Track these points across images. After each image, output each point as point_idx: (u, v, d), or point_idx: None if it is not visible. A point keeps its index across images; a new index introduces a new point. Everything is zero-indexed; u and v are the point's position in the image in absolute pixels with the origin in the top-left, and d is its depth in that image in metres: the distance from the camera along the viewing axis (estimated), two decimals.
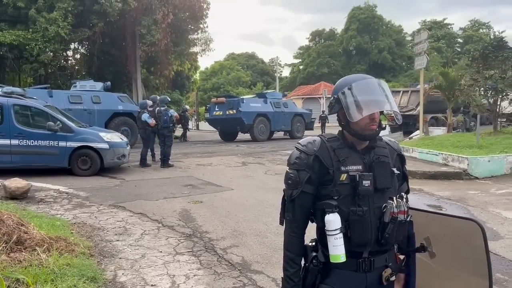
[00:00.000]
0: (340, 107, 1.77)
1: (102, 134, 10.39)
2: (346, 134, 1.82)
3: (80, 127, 10.58)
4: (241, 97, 22.29)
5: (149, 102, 12.57)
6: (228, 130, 20.68)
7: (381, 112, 1.80)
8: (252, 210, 6.75)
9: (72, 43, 21.52)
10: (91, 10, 18.67)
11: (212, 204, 7.24)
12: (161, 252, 4.86)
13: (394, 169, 1.82)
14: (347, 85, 1.77)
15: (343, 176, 1.73)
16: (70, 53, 22.89)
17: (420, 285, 1.92)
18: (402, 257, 1.90)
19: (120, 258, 4.65)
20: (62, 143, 9.86)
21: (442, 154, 10.63)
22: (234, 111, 19.22)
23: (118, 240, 5.25)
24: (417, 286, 1.90)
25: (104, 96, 16.29)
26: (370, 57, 56.41)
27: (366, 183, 1.70)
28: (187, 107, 27.06)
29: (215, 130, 22.13)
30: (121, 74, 22.81)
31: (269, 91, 29.37)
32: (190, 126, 25.12)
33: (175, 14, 21.09)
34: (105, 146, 10.06)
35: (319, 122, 25.53)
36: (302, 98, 43.12)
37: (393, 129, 20.24)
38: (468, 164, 9.55)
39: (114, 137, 10.60)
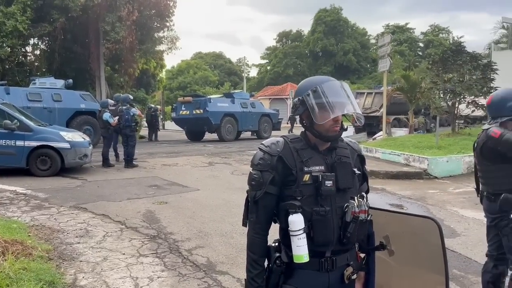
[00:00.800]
0: (305, 109, 1.79)
1: (63, 133, 10.06)
2: (309, 135, 1.83)
3: (40, 125, 10.20)
4: (208, 96, 22.14)
5: (111, 101, 12.29)
6: (195, 130, 20.50)
7: (343, 114, 1.82)
8: (218, 210, 6.72)
9: (32, 39, 20.69)
10: (51, 5, 18.02)
11: (177, 204, 7.15)
12: (124, 254, 4.75)
13: (355, 169, 1.85)
14: (312, 86, 1.78)
15: (306, 177, 1.74)
16: (29, 48, 21.96)
17: (380, 283, 1.96)
18: (362, 255, 1.94)
19: (81, 261, 4.52)
20: (19, 143, 9.48)
21: (403, 154, 10.94)
22: (201, 110, 19.05)
23: (79, 243, 5.10)
24: (376, 283, 1.94)
25: (66, 94, 15.75)
26: (336, 59, 57.31)
27: (329, 183, 1.72)
28: (158, 106, 26.64)
29: (182, 129, 21.89)
30: (84, 71, 22.15)
31: (236, 91, 29.33)
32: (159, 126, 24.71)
33: (140, 12, 20.67)
34: (66, 145, 9.74)
35: (287, 123, 25.75)
36: (270, 98, 43.35)
37: (358, 130, 20.63)
38: (428, 164, 9.88)
39: (75, 136, 10.29)
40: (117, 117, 11.34)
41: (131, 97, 12.40)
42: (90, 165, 11.12)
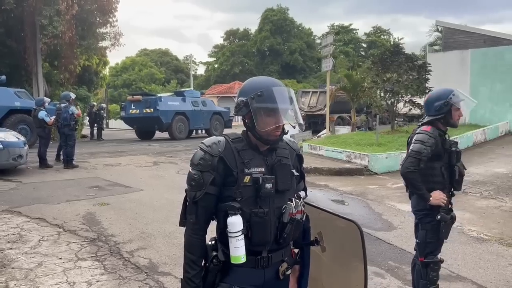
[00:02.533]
0: (248, 111, 1.76)
1: None
2: (251, 136, 1.83)
3: None
4: (159, 95, 21.83)
5: (47, 99, 11.73)
6: (146, 129, 20.27)
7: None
8: (161, 210, 6.61)
9: None
10: None
11: (119, 206, 6.95)
12: (60, 259, 4.55)
13: (294, 171, 1.87)
14: (257, 89, 1.76)
15: (247, 178, 1.74)
16: None
17: (313, 276, 2.02)
18: (296, 251, 1.98)
19: (13, 268, 4.28)
20: None
21: (346, 151, 11.32)
22: (152, 109, 18.87)
23: (11, 249, 4.82)
24: (310, 276, 2.00)
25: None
26: (283, 58, 58.09)
27: (269, 185, 1.73)
28: (103, 105, 25.78)
29: (126, 128, 21.41)
30: (19, 67, 20.90)
31: (187, 89, 28.96)
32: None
33: (80, 6, 19.81)
34: None
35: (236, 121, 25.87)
36: (217, 96, 43.16)
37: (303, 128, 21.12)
38: (368, 161, 10.29)
39: (8, 136, 9.68)
40: (53, 116, 10.83)
41: (73, 95, 11.84)
42: (26, 166, 10.53)
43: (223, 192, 1.77)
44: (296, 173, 1.88)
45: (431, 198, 3.10)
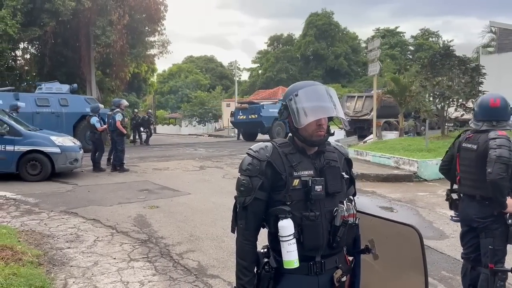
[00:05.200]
0: (288, 113, 1.80)
1: (53, 137, 10.00)
2: (296, 140, 1.84)
3: (30, 130, 10.14)
4: (262, 103, 24.91)
5: (101, 106, 12.28)
6: (250, 132, 23.66)
7: (331, 118, 1.84)
8: (209, 214, 6.73)
9: (22, 43, 20.57)
10: (42, 9, 17.95)
11: (168, 209, 7.15)
12: (114, 258, 4.74)
13: (343, 173, 1.86)
14: (295, 91, 1.80)
15: (296, 182, 1.74)
16: (19, 52, 21.83)
17: (364, 285, 1.98)
18: (351, 258, 1.95)
19: (71, 266, 4.50)
20: (9, 147, 9.42)
21: (394, 157, 11.03)
22: (256, 115, 22.09)
23: (69, 248, 5.08)
24: (362, 285, 1.96)
25: (72, 98, 16.08)
26: (327, 63, 57.64)
27: (318, 188, 1.73)
28: (150, 111, 26.78)
29: (173, 133, 22.24)
30: (75, 75, 22.02)
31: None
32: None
33: (131, 16, 20.66)
34: (56, 150, 9.69)
35: None
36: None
37: (348, 133, 20.79)
38: (417, 167, 9.97)
39: (66, 140, 10.23)
40: (105, 125, 11.31)
41: (125, 102, 12.21)
42: (81, 169, 11.06)
43: (273, 197, 1.77)
44: (346, 176, 1.86)
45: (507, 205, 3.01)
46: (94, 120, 11.26)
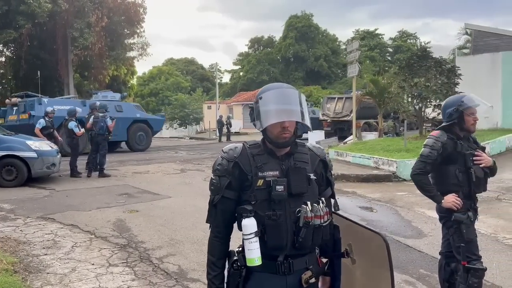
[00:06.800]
0: (255, 115, 1.83)
1: (29, 142, 9.78)
2: (266, 141, 1.86)
3: (5, 135, 9.91)
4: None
5: (78, 109, 12.05)
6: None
7: (298, 122, 1.82)
8: (189, 217, 6.69)
9: None
10: (17, 11, 17.64)
11: (148, 213, 7.07)
12: (93, 264, 4.67)
13: (311, 175, 1.84)
14: (261, 94, 1.82)
15: (260, 182, 1.77)
16: None
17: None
18: (325, 260, 1.95)
19: (48, 273, 4.41)
20: None
21: (373, 158, 11.17)
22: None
23: (46, 254, 4.98)
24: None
25: (124, 105, 18.26)
26: (307, 65, 57.91)
27: (280, 188, 1.75)
28: None
29: (155, 137, 21.68)
30: (52, 78, 21.70)
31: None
32: None
33: (109, 18, 20.49)
34: (33, 155, 9.48)
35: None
36: (242, 104, 43.42)
37: (329, 134, 20.98)
38: (396, 167, 10.13)
39: (43, 145, 10.01)
40: (83, 129, 11.09)
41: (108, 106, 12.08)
42: (59, 174, 10.86)
43: (241, 196, 1.82)
44: (313, 177, 1.84)
45: (442, 201, 3.14)
46: (73, 125, 11.02)
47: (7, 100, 16.87)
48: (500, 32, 17.75)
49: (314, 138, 18.30)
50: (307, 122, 1.81)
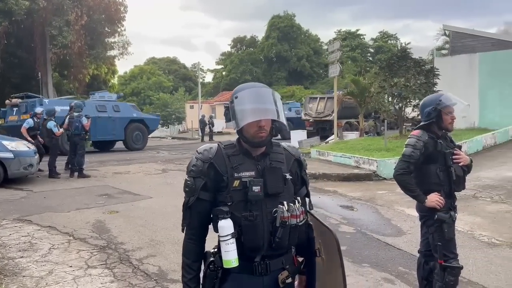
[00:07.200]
0: (231, 115, 1.81)
1: (5, 142, 9.56)
2: (242, 141, 1.84)
3: None
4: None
5: (58, 109, 11.84)
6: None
7: (275, 121, 1.81)
8: (170, 218, 6.62)
9: None
10: None
11: (129, 213, 6.99)
12: (71, 266, 4.58)
13: (287, 175, 1.84)
14: (237, 93, 1.81)
15: (236, 182, 1.75)
16: None
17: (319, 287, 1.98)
18: (301, 259, 1.94)
19: (24, 276, 4.32)
20: None
21: (354, 157, 11.27)
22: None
23: (22, 257, 4.87)
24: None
25: (121, 105, 18.84)
26: (290, 65, 58.09)
27: (256, 188, 1.73)
28: None
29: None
30: (30, 77, 21.24)
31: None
32: None
33: (89, 16, 20.19)
34: (9, 155, 9.27)
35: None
36: (225, 104, 43.33)
37: (311, 134, 21.09)
38: (377, 166, 10.23)
39: (19, 145, 9.79)
40: (62, 129, 10.89)
41: (84, 104, 11.93)
42: (37, 175, 10.64)
43: (217, 198, 1.80)
44: (289, 177, 1.84)
45: (426, 200, 3.15)
46: (51, 124, 10.81)
47: (7, 101, 16.99)
48: (477, 34, 18.12)
49: (297, 137, 18.40)
50: (283, 120, 1.80)
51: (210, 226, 1.86)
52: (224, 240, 1.71)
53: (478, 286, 4.11)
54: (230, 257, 1.71)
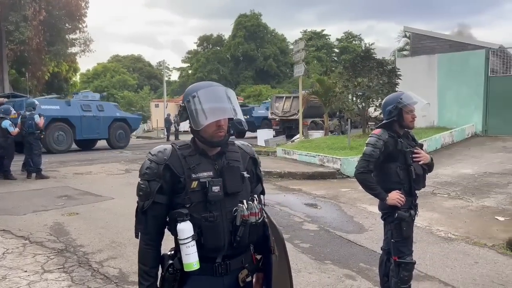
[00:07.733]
0: (187, 115, 1.77)
1: None
2: (197, 141, 1.82)
3: None
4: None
5: (13, 110, 11.31)
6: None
7: (231, 119, 1.81)
8: (133, 219, 6.40)
9: None
10: None
11: (89, 215, 6.79)
12: (25, 271, 4.40)
13: (245, 173, 1.84)
14: (193, 93, 1.76)
15: (194, 184, 1.72)
16: None
17: (275, 284, 1.98)
18: (259, 257, 1.94)
19: None
20: None
21: (319, 155, 11.42)
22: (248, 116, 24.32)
23: None
24: (273, 284, 1.96)
25: (105, 104, 18.98)
26: (257, 64, 58.29)
27: (216, 188, 1.71)
28: None
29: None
30: None
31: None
32: None
33: (48, 11, 19.49)
34: None
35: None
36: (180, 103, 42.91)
37: (277, 133, 21.23)
38: (341, 164, 10.41)
39: None
40: (17, 128, 10.43)
41: (37, 102, 11.48)
42: None
43: (174, 200, 1.76)
44: (247, 175, 1.84)
45: (387, 198, 3.20)
46: (7, 123, 10.28)
47: None
48: (436, 35, 18.71)
49: (263, 136, 18.47)
50: (241, 117, 1.79)
51: (166, 230, 1.82)
52: (184, 243, 1.67)
53: (435, 279, 4.24)
54: (191, 260, 1.68)
